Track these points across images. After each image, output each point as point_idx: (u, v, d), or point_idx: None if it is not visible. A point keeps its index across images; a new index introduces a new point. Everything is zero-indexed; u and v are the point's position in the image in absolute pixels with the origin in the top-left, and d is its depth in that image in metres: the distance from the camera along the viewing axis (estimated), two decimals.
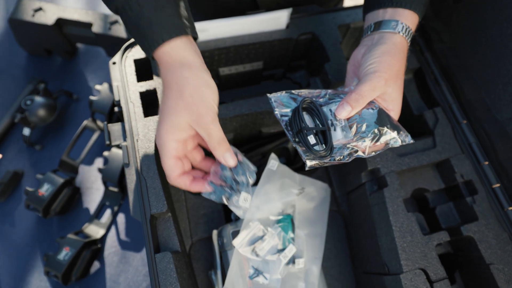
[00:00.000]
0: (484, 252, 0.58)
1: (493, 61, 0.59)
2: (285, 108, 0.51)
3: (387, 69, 0.49)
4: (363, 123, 0.48)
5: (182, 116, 0.48)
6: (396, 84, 0.50)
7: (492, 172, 0.62)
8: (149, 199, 0.58)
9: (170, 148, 0.49)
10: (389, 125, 0.49)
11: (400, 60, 0.51)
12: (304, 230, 0.70)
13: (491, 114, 0.62)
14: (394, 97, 0.50)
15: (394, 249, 0.58)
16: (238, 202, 0.52)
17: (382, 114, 0.49)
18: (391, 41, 0.51)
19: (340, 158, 0.49)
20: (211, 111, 0.49)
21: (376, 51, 0.50)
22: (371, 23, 0.54)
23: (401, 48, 0.51)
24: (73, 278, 0.80)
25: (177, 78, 0.49)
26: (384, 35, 0.52)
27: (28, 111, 0.90)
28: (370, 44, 0.53)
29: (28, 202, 0.83)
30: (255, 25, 0.70)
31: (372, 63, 0.49)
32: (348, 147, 0.49)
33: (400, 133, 0.50)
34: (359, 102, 0.48)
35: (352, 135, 0.48)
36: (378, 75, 0.48)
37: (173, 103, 0.48)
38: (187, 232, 0.70)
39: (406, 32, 0.52)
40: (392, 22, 0.51)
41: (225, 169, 0.53)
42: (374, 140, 0.48)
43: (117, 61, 0.68)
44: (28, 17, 0.94)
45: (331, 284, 0.72)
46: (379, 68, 0.48)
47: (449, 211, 0.66)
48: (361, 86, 0.48)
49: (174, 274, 0.54)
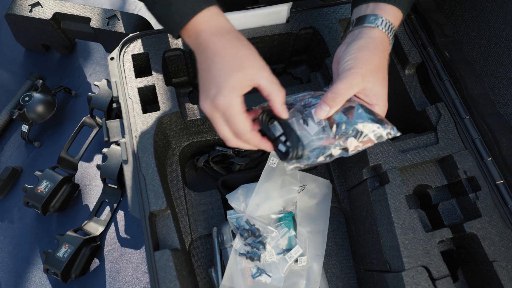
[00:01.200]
0: (487, 249, 0.57)
1: (497, 54, 0.58)
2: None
3: (363, 65, 0.48)
4: (342, 121, 0.48)
5: (244, 70, 0.47)
6: (377, 78, 0.49)
7: (495, 168, 0.61)
8: (148, 196, 0.57)
9: (239, 103, 0.47)
10: (371, 120, 0.47)
11: (379, 54, 0.49)
12: (306, 228, 0.69)
13: (495, 109, 0.61)
14: (376, 91, 0.49)
15: (396, 246, 0.57)
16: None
17: (362, 110, 0.48)
18: (368, 36, 0.50)
19: (322, 158, 0.48)
20: (264, 62, 0.49)
21: (352, 47, 0.49)
22: (354, 18, 0.53)
23: (379, 42, 0.50)
24: (72, 275, 0.79)
25: (228, 39, 0.49)
26: (363, 30, 0.51)
27: (27, 108, 0.89)
28: (350, 40, 0.52)
29: (27, 199, 0.82)
30: (255, 19, 0.69)
31: (348, 59, 0.48)
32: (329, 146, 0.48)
33: (384, 126, 0.48)
34: (336, 101, 0.47)
35: (333, 134, 0.48)
36: (353, 72, 0.47)
37: (230, 61, 0.48)
38: (186, 229, 0.69)
39: (386, 27, 0.50)
40: (371, 17, 0.51)
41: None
42: (357, 137, 0.47)
43: (115, 57, 0.67)
44: (25, 12, 0.93)
45: (332, 281, 0.72)
46: (354, 64, 0.48)
47: (451, 207, 0.65)
48: (337, 84, 0.47)
49: (173, 272, 0.54)
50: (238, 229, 0.64)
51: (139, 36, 0.69)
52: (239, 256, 0.63)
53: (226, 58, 0.48)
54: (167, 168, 0.70)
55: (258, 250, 0.63)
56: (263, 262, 0.63)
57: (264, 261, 0.63)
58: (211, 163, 0.76)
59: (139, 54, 0.68)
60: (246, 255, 0.63)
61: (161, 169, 0.63)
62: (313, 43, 0.75)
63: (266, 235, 0.64)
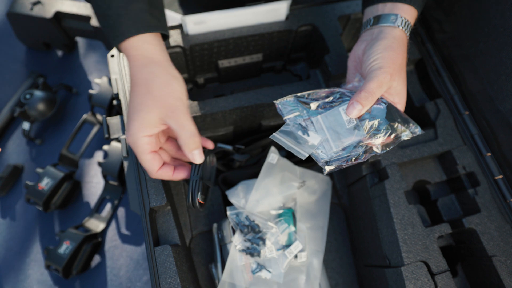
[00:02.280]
0: (487, 244, 0.57)
1: (496, 51, 0.58)
2: (294, 112, 0.51)
3: (391, 64, 0.49)
4: (375, 119, 0.49)
5: (152, 110, 0.47)
6: (401, 77, 0.50)
7: (494, 164, 0.62)
8: (148, 192, 0.58)
9: (144, 144, 0.49)
10: (400, 119, 0.49)
11: (402, 53, 0.51)
12: (305, 224, 0.69)
13: (494, 105, 0.61)
14: (399, 90, 0.51)
15: (395, 241, 0.57)
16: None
17: (391, 109, 0.50)
18: (391, 35, 0.51)
19: (357, 157, 0.49)
20: (181, 103, 0.49)
21: (378, 46, 0.50)
22: (370, 17, 0.54)
23: (401, 41, 0.51)
24: (73, 271, 0.80)
25: (145, 74, 0.49)
26: (384, 29, 0.51)
27: (28, 105, 0.89)
28: (369, 39, 0.53)
29: (28, 196, 0.83)
30: (254, 16, 0.69)
31: (376, 59, 0.49)
32: (361, 145, 0.49)
33: (410, 126, 0.50)
34: (368, 99, 0.47)
35: (365, 132, 0.48)
36: (383, 71, 0.48)
37: (142, 99, 0.48)
38: (187, 226, 0.69)
39: (406, 26, 0.51)
40: (391, 16, 0.51)
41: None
42: (387, 135, 0.49)
43: (115, 54, 0.67)
44: (27, 10, 0.93)
45: (332, 277, 0.72)
46: (383, 63, 0.48)
47: (451, 203, 0.65)
48: (368, 83, 0.48)
49: (174, 267, 0.54)
50: (238, 225, 0.64)
51: None
52: (239, 252, 0.63)
53: (138, 95, 0.48)
54: None
55: (258, 246, 0.63)
56: (263, 257, 0.63)
57: (264, 257, 0.63)
58: None
59: None
60: (246, 251, 0.63)
61: None
62: (313, 40, 0.75)
63: (265, 231, 0.64)
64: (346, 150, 0.49)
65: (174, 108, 0.48)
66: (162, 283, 0.53)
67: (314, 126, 0.50)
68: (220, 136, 0.74)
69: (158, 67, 0.49)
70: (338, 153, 0.49)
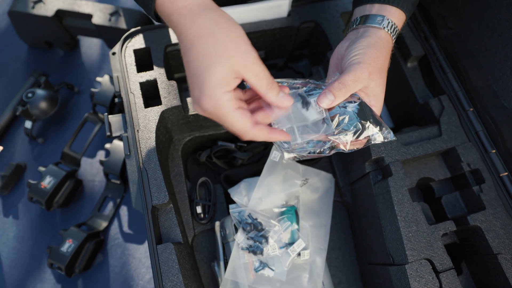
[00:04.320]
0: (492, 242, 0.57)
1: (501, 46, 0.58)
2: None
3: (371, 62, 0.47)
4: (345, 115, 0.46)
5: (227, 61, 0.40)
6: (380, 79, 0.48)
7: (499, 161, 0.61)
8: (151, 190, 0.57)
9: (228, 101, 0.41)
10: (372, 120, 0.47)
11: (385, 54, 0.49)
12: (308, 221, 0.69)
13: (499, 101, 0.60)
14: (376, 92, 0.48)
15: (399, 239, 0.57)
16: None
17: (365, 108, 0.47)
18: (376, 35, 0.49)
19: (321, 150, 0.47)
20: (251, 49, 0.42)
21: (361, 43, 0.48)
22: (358, 16, 0.53)
23: (386, 43, 0.50)
24: (76, 270, 0.80)
25: (206, 22, 0.41)
26: (369, 29, 0.50)
27: (30, 104, 0.89)
28: (354, 37, 0.51)
29: (31, 195, 0.83)
30: (256, 13, 0.69)
31: (357, 54, 0.47)
32: (329, 139, 0.47)
33: (382, 129, 0.47)
34: (342, 91, 0.45)
35: (333, 127, 0.46)
36: (362, 66, 0.46)
37: (210, 51, 0.40)
38: (189, 223, 0.69)
39: (392, 29, 0.50)
40: (378, 17, 0.50)
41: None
42: (356, 135, 0.46)
43: (117, 52, 0.67)
44: (28, 9, 0.93)
45: (335, 274, 0.72)
46: (363, 59, 0.46)
47: (455, 200, 0.64)
48: (344, 75, 0.46)
49: (176, 265, 0.54)
50: (240, 223, 0.64)
51: (140, 31, 0.69)
52: (241, 250, 0.63)
53: (202, 50, 0.41)
54: (169, 162, 0.70)
55: (261, 244, 0.63)
56: (266, 256, 0.63)
57: (266, 255, 0.63)
58: (214, 158, 0.76)
59: (140, 49, 0.68)
60: (248, 249, 0.63)
61: (163, 164, 0.63)
62: (315, 36, 0.75)
63: (268, 229, 0.64)
64: (310, 144, 0.47)
65: (247, 55, 0.41)
66: (165, 281, 0.53)
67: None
68: (222, 134, 0.73)
69: (216, 12, 0.42)
70: (302, 145, 0.47)
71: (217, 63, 0.40)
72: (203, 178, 0.73)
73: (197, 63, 0.41)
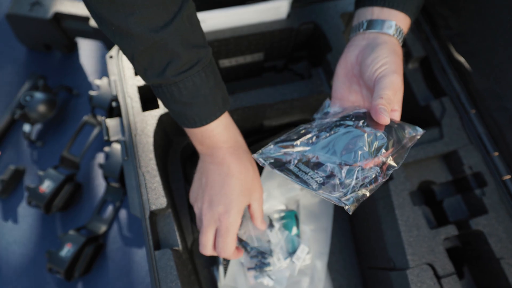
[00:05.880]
0: (494, 246, 0.56)
1: (503, 47, 0.57)
2: (281, 160, 0.46)
3: (399, 69, 0.47)
4: (375, 136, 0.43)
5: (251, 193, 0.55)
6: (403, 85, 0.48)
7: (502, 163, 0.60)
8: (148, 195, 0.57)
9: (238, 225, 0.54)
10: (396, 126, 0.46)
11: (401, 60, 0.49)
12: (309, 225, 0.68)
13: (501, 103, 0.59)
14: (400, 97, 0.48)
15: (400, 243, 0.56)
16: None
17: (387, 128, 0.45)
18: (390, 42, 0.49)
19: (372, 180, 0.42)
20: (261, 189, 0.57)
21: (383, 50, 0.47)
22: (363, 20, 0.51)
23: (399, 49, 0.50)
24: (76, 274, 0.79)
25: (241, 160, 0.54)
26: (380, 36, 0.49)
27: (28, 107, 0.89)
28: (364, 44, 0.50)
29: (29, 199, 0.82)
30: (255, 15, 0.68)
31: (384, 63, 0.46)
32: (373, 167, 0.43)
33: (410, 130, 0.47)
34: (389, 106, 0.44)
35: (370, 150, 0.43)
36: (396, 77, 0.45)
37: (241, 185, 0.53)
38: (188, 228, 0.69)
39: (400, 35, 0.50)
40: (387, 23, 0.49)
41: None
42: (394, 147, 0.44)
43: (114, 55, 0.67)
44: (25, 11, 0.93)
45: (335, 279, 0.71)
46: (394, 68, 0.46)
47: (457, 204, 0.64)
48: (385, 90, 0.44)
49: (175, 272, 0.53)
50: (240, 243, 0.63)
51: None
52: (248, 271, 0.62)
53: (238, 182, 0.53)
54: (168, 167, 0.70)
55: (265, 259, 0.62)
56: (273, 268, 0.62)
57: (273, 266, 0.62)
58: None
59: None
60: (255, 268, 0.62)
61: (162, 168, 0.63)
62: (314, 38, 0.74)
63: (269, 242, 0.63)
64: (358, 177, 0.42)
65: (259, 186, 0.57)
66: (163, 287, 0.53)
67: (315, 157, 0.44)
68: None
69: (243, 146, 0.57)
70: (350, 183, 0.41)
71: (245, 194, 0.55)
72: None
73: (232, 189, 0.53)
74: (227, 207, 0.52)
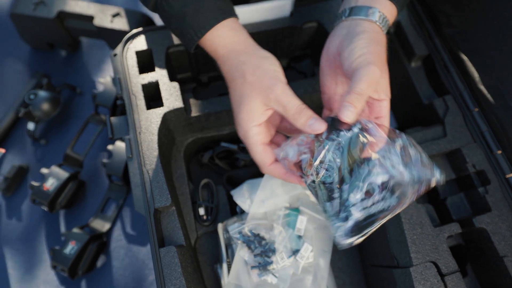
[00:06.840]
0: (498, 244, 0.56)
1: (507, 45, 0.57)
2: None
3: (378, 59, 0.44)
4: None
5: (253, 98, 0.46)
6: (385, 73, 0.46)
7: (505, 162, 0.60)
8: (153, 192, 0.57)
9: (254, 135, 0.47)
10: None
11: (384, 48, 0.47)
12: (312, 224, 0.68)
13: (505, 101, 0.59)
14: (384, 86, 0.46)
15: (403, 241, 0.56)
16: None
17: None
18: (371, 29, 0.46)
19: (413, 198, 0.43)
20: (277, 81, 0.46)
21: (361, 40, 0.45)
22: (346, 7, 0.49)
23: (381, 36, 0.47)
24: (79, 272, 0.80)
25: (238, 66, 0.48)
26: (361, 23, 0.47)
27: (32, 106, 0.89)
28: (344, 33, 0.47)
29: (33, 197, 0.83)
30: (258, 13, 0.68)
31: (362, 54, 0.44)
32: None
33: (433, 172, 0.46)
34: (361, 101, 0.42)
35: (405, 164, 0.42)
36: (373, 68, 0.42)
37: (241, 90, 0.48)
38: (192, 226, 0.69)
39: (383, 22, 0.47)
40: (370, 9, 0.47)
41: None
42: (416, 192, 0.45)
43: (118, 53, 0.67)
44: (29, 11, 0.93)
45: (338, 276, 0.71)
46: (371, 59, 0.43)
47: (460, 202, 0.64)
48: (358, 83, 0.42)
49: (179, 269, 0.53)
50: (244, 243, 0.63)
51: (142, 32, 0.69)
52: (251, 269, 0.62)
53: (237, 88, 0.48)
54: (172, 164, 0.70)
55: (269, 257, 0.62)
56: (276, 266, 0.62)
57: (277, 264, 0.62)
58: (216, 159, 0.75)
59: (142, 50, 0.67)
60: (258, 267, 0.62)
61: (165, 166, 0.63)
62: (318, 37, 0.74)
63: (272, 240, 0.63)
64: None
65: (270, 88, 0.45)
66: (168, 284, 0.53)
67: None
68: (225, 135, 0.73)
69: (245, 55, 0.49)
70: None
71: (245, 100, 0.47)
72: (205, 180, 0.73)
73: (233, 100, 0.49)
74: (235, 114, 0.49)
